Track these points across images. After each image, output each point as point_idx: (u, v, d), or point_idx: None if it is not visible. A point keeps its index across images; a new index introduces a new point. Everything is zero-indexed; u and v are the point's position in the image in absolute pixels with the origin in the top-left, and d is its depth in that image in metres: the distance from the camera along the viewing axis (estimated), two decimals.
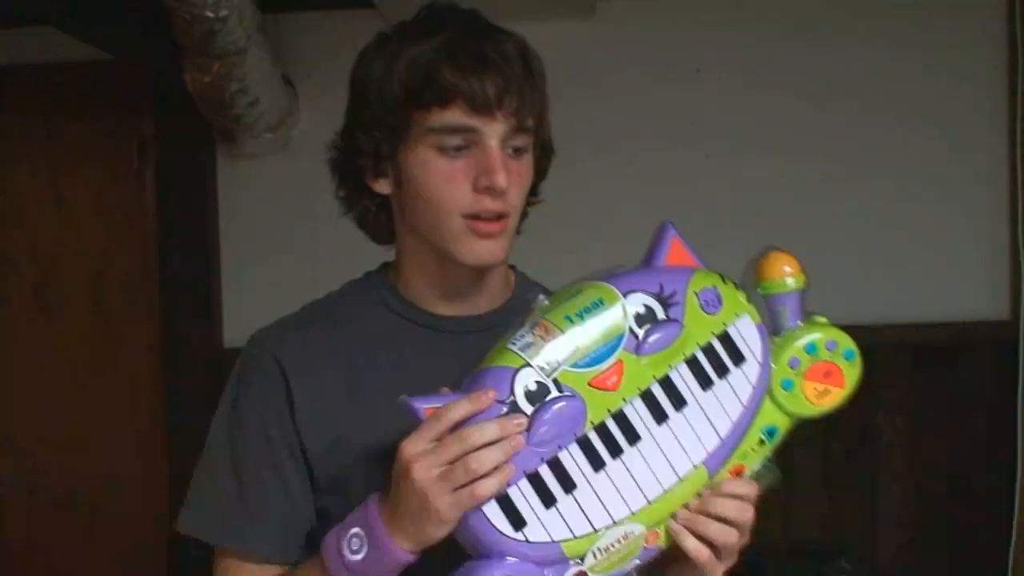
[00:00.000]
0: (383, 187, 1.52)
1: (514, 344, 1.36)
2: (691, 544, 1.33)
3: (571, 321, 1.37)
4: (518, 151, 1.47)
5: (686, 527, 1.33)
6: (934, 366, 3.64)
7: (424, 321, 1.56)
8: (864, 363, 1.46)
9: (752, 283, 1.47)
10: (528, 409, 1.32)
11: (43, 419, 3.94)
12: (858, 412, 3.60)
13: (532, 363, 1.34)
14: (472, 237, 1.46)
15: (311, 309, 1.61)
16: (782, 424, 1.41)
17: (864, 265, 3.66)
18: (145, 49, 3.48)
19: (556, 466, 1.33)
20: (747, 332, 1.41)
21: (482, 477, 1.27)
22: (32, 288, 3.93)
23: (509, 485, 1.31)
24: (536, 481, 1.32)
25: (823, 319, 1.47)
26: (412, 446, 1.29)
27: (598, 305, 1.39)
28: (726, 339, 1.40)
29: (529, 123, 1.47)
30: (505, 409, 1.32)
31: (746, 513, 1.34)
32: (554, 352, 1.35)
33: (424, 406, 1.32)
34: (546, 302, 1.41)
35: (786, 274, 1.46)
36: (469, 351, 1.52)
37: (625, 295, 1.40)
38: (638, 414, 1.35)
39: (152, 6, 3.06)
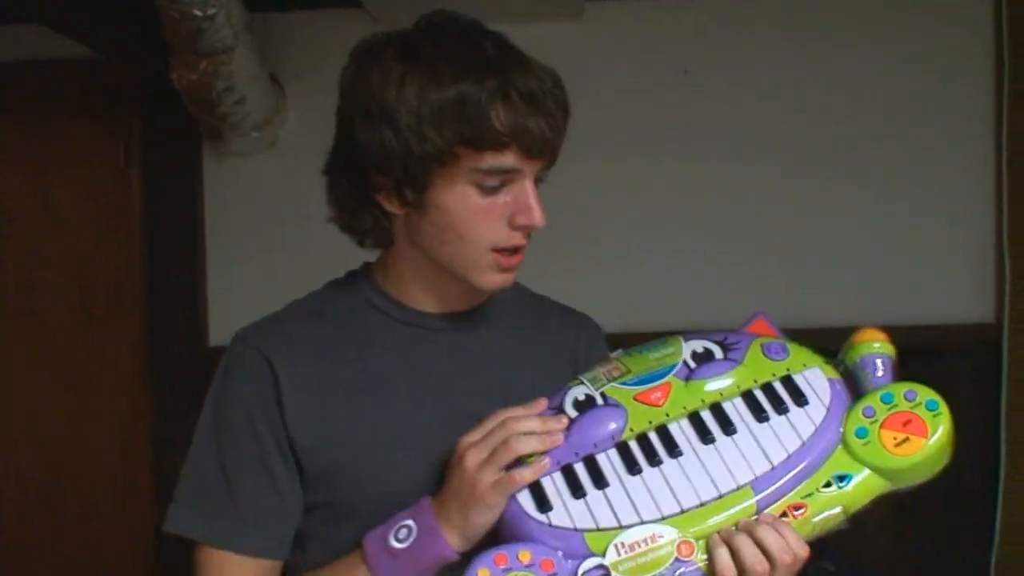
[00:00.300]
0: (394, 206, 1.50)
1: (580, 374, 1.47)
2: (722, 559, 1.28)
3: (630, 355, 1.46)
4: (538, 181, 1.49)
5: (724, 539, 1.29)
6: (917, 368, 3.62)
7: (410, 319, 1.57)
8: (888, 338, 1.47)
9: (843, 357, 1.46)
10: (573, 413, 1.40)
11: (28, 418, 3.93)
12: None
13: (584, 380, 1.44)
14: (497, 269, 1.49)
15: (295, 307, 1.61)
16: (857, 474, 1.35)
17: (848, 267, 3.67)
18: (133, 47, 3.48)
19: (591, 464, 1.37)
20: (815, 380, 1.40)
21: (522, 465, 1.34)
22: (18, 286, 3.92)
23: (544, 475, 1.35)
24: (568, 474, 1.36)
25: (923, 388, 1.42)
26: (468, 437, 1.37)
27: (660, 344, 1.47)
28: (788, 381, 1.40)
29: (556, 157, 1.49)
30: (552, 412, 1.41)
31: (784, 555, 1.28)
32: (606, 373, 1.44)
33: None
34: (622, 353, 1.50)
35: (875, 338, 1.46)
36: (456, 347, 1.57)
37: (687, 339, 1.46)
38: (682, 431, 1.37)
39: (140, 4, 3.06)
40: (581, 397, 1.42)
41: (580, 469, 1.36)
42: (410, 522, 1.37)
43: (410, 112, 1.40)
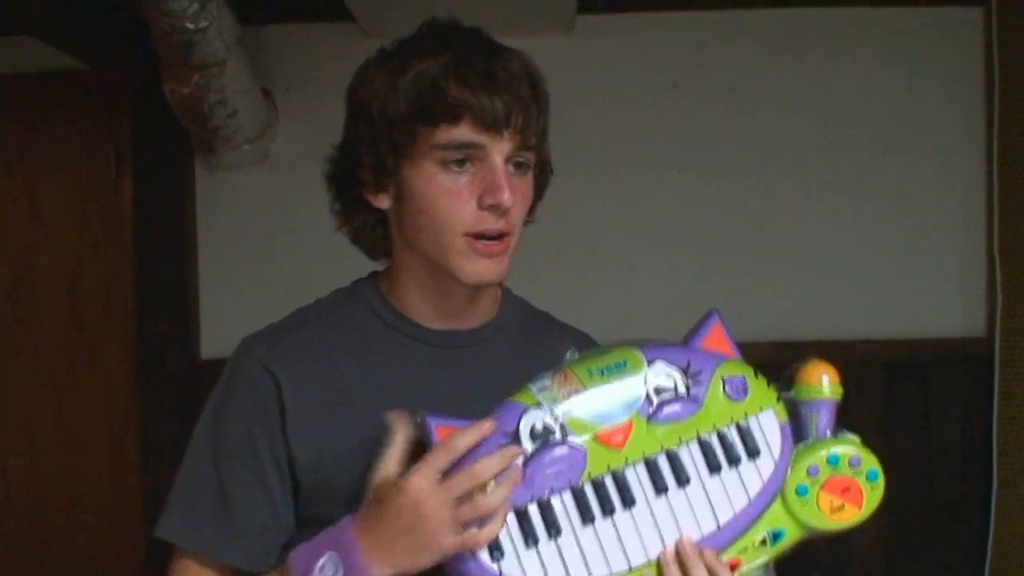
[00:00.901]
0: (382, 202, 1.53)
1: (533, 384, 1.40)
2: None
3: (591, 375, 1.40)
4: (520, 167, 1.48)
5: None
6: (908, 382, 3.66)
7: (415, 334, 1.57)
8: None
9: (787, 385, 1.45)
10: (529, 446, 1.35)
11: (17, 425, 3.91)
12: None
13: (543, 404, 1.37)
14: (474, 256, 1.47)
15: (300, 316, 1.61)
16: (790, 530, 1.39)
17: (838, 281, 3.68)
18: (124, 59, 3.48)
19: (545, 508, 1.35)
20: (768, 428, 1.40)
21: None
22: (6, 296, 3.90)
23: None
24: (522, 518, 1.34)
25: (854, 437, 1.44)
26: (423, 479, 1.30)
27: (621, 366, 1.41)
28: (745, 430, 1.40)
29: (533, 141, 1.48)
30: (506, 441, 1.35)
31: None
32: (566, 399, 1.38)
33: (437, 424, 1.35)
34: (576, 356, 1.45)
35: (823, 382, 1.43)
36: (457, 365, 1.57)
37: (650, 363, 1.42)
38: (638, 479, 1.37)
39: (132, 17, 3.06)
40: (539, 427, 1.36)
41: (534, 513, 1.34)
42: (335, 555, 1.34)
43: (378, 99, 1.46)
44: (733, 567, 1.36)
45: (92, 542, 3.89)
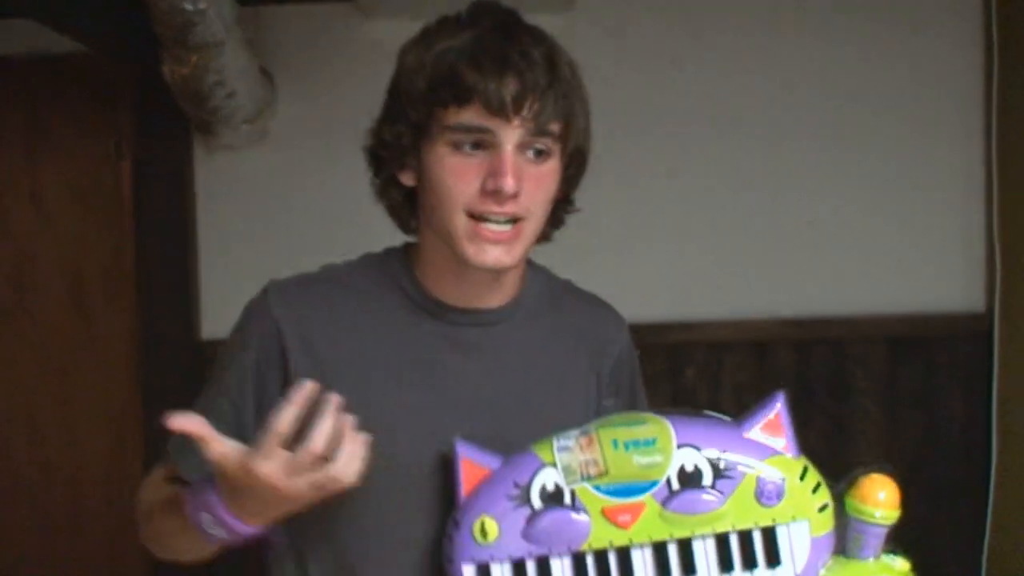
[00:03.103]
0: (408, 179, 1.54)
1: (558, 440, 1.38)
2: None
3: (615, 447, 1.37)
4: (540, 154, 1.47)
5: None
6: (909, 358, 3.66)
7: (436, 312, 1.57)
8: (839, 355, 1.44)
9: (843, 493, 1.38)
10: (538, 504, 1.35)
11: (19, 412, 3.92)
12: (833, 404, 3.64)
13: (559, 465, 1.36)
14: (479, 240, 1.46)
15: (327, 275, 1.62)
16: None
17: (839, 257, 3.68)
18: (123, 41, 3.47)
19: (543, 565, 1.35)
20: (798, 539, 1.35)
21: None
22: (8, 279, 3.91)
23: (495, 562, 1.35)
24: (518, 570, 1.35)
25: (903, 564, 1.39)
26: (271, 463, 1.29)
27: (649, 444, 1.36)
28: (769, 535, 1.35)
29: (551, 128, 1.46)
30: (516, 493, 1.36)
31: None
32: (584, 466, 1.36)
33: (464, 456, 1.40)
34: (614, 411, 1.46)
35: (879, 503, 1.36)
36: (477, 345, 1.57)
37: (680, 447, 1.36)
38: (643, 562, 1.34)
39: None
40: (550, 487, 1.36)
41: (531, 568, 1.34)
42: (209, 517, 1.36)
43: (404, 77, 1.47)
44: None
45: (95, 525, 3.91)
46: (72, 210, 3.88)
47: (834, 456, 3.79)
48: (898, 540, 1.41)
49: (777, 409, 1.41)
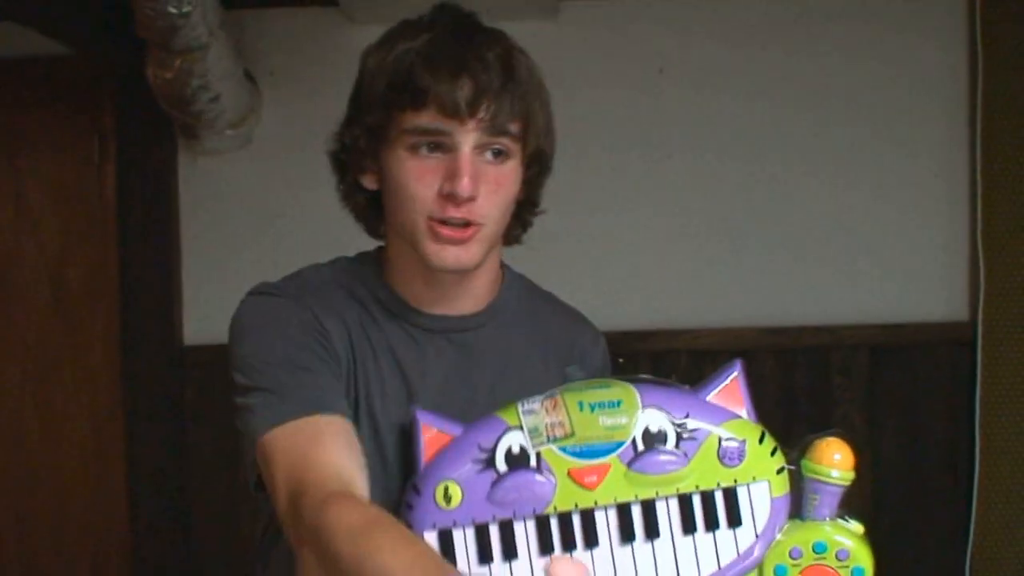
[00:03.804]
0: (370, 183, 1.54)
1: (523, 404, 1.38)
2: None
3: (580, 408, 1.37)
4: (499, 155, 1.46)
5: None
6: (892, 366, 3.67)
7: (407, 316, 1.56)
8: (822, 363, 1.44)
9: (798, 456, 1.39)
10: (503, 467, 1.34)
11: (1, 416, 3.90)
12: (816, 412, 3.64)
13: (525, 428, 1.36)
14: (438, 240, 1.45)
15: (310, 279, 1.59)
16: None
17: (823, 265, 3.68)
18: (107, 45, 3.46)
19: (505, 529, 1.34)
20: (758, 500, 1.36)
21: None
22: None
23: (457, 528, 1.34)
24: (481, 534, 1.34)
25: (857, 526, 1.38)
26: None
27: (614, 405, 1.37)
28: (730, 495, 1.35)
29: (510, 128, 1.45)
30: (482, 455, 1.35)
31: None
32: (550, 428, 1.35)
33: (424, 421, 1.38)
34: (578, 379, 1.46)
35: (834, 463, 1.36)
36: (446, 351, 1.56)
37: (645, 407, 1.37)
38: (607, 523, 1.34)
39: (115, 2, 3.05)
40: (515, 449, 1.35)
41: (494, 533, 1.34)
42: None
43: (364, 80, 1.48)
44: None
45: (76, 531, 3.88)
46: (55, 214, 3.87)
47: None
48: (882, 546, 1.40)
49: (734, 375, 1.43)
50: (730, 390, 1.42)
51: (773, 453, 1.38)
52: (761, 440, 1.38)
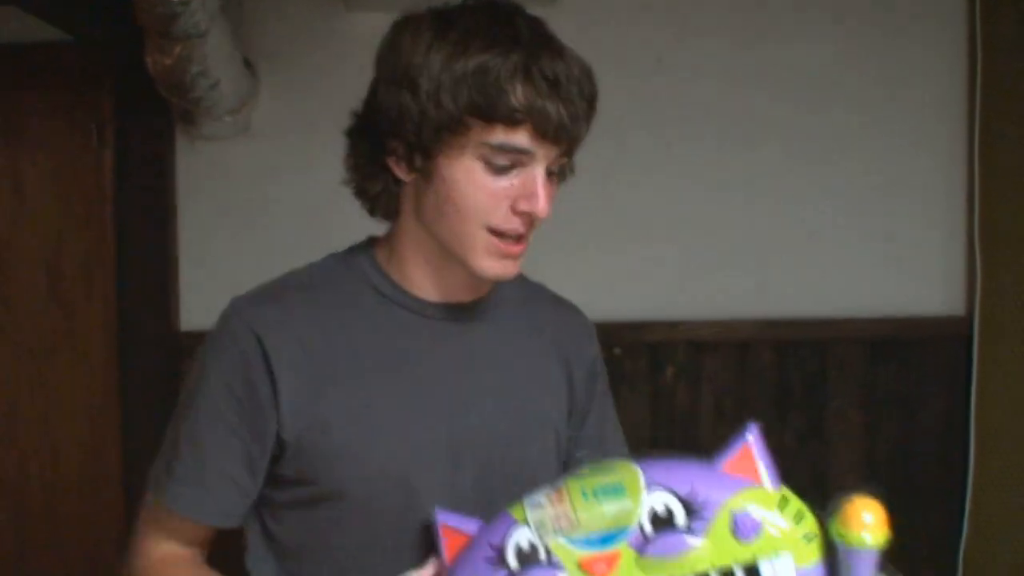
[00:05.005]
0: (403, 172, 1.49)
1: (530, 498, 1.36)
2: None
3: (584, 497, 1.34)
4: (552, 174, 1.47)
5: None
6: (888, 360, 3.67)
7: (411, 306, 1.55)
8: (818, 356, 1.41)
9: (830, 520, 1.31)
10: (514, 565, 1.32)
11: None
12: (811, 405, 3.64)
13: (531, 523, 1.33)
14: (495, 254, 1.46)
15: (292, 279, 1.59)
16: None
17: (820, 258, 3.69)
18: (106, 31, 3.46)
19: None
20: (782, 572, 1.29)
21: None
22: None
23: None
24: None
25: None
26: None
27: (617, 490, 1.33)
28: (752, 574, 1.29)
29: (577, 148, 1.48)
30: (492, 554, 1.33)
31: None
32: (555, 520, 1.33)
33: (444, 522, 1.38)
34: (584, 463, 1.42)
35: (864, 526, 1.29)
36: (455, 338, 1.56)
37: (650, 488, 1.32)
38: None
39: None
40: (525, 546, 1.32)
41: None
42: None
43: (431, 78, 1.40)
44: None
45: (72, 518, 3.89)
46: (52, 199, 3.86)
47: (812, 459, 3.82)
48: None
49: (749, 441, 1.35)
50: (744, 457, 1.34)
51: (798, 521, 1.32)
52: (782, 507, 1.32)
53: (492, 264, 1.47)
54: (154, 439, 1.55)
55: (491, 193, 1.42)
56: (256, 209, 3.70)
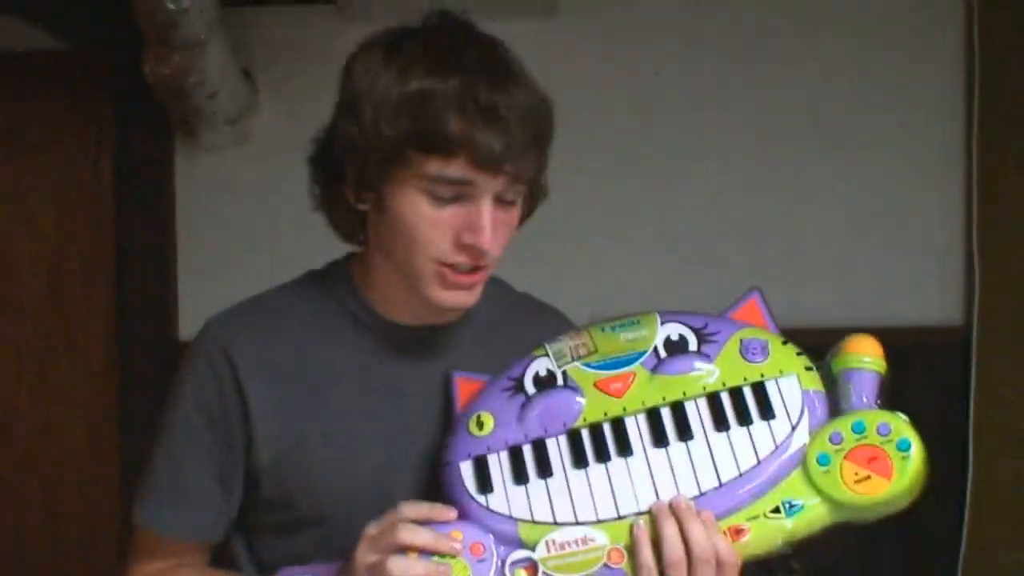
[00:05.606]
0: (358, 202, 1.46)
1: (549, 342, 1.45)
2: (644, 557, 1.26)
3: (601, 330, 1.42)
4: (509, 205, 1.43)
5: (655, 518, 1.28)
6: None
7: (385, 330, 1.53)
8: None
9: (830, 361, 1.36)
10: (532, 390, 1.39)
11: None
12: None
13: (550, 352, 1.42)
14: (446, 284, 1.42)
15: (268, 300, 1.58)
16: (809, 503, 1.28)
17: (817, 267, 3.68)
18: (105, 40, 3.47)
19: (538, 448, 1.36)
20: (788, 392, 1.33)
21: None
22: None
23: (492, 454, 1.36)
24: (515, 455, 1.36)
25: (902, 416, 1.33)
26: (365, 552, 1.33)
27: (633, 324, 1.42)
28: (759, 389, 1.34)
29: (526, 178, 1.41)
30: (511, 385, 1.41)
31: (705, 556, 1.25)
32: (573, 349, 1.41)
33: (460, 377, 1.47)
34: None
35: (864, 352, 1.35)
36: (425, 359, 1.54)
37: (664, 322, 1.40)
38: (638, 429, 1.34)
39: None
40: (542, 372, 1.40)
41: (527, 452, 1.35)
42: None
43: (375, 105, 1.37)
44: (738, 533, 1.28)
45: (70, 523, 3.89)
46: (51, 208, 3.87)
47: None
48: (873, 552, 1.39)
49: (752, 299, 1.45)
50: (749, 310, 1.44)
51: (799, 354, 1.38)
52: (784, 343, 1.39)
53: (444, 295, 1.43)
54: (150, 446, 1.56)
55: (434, 224, 1.38)
56: (254, 218, 3.71)
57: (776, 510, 1.28)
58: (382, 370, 1.52)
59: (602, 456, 1.33)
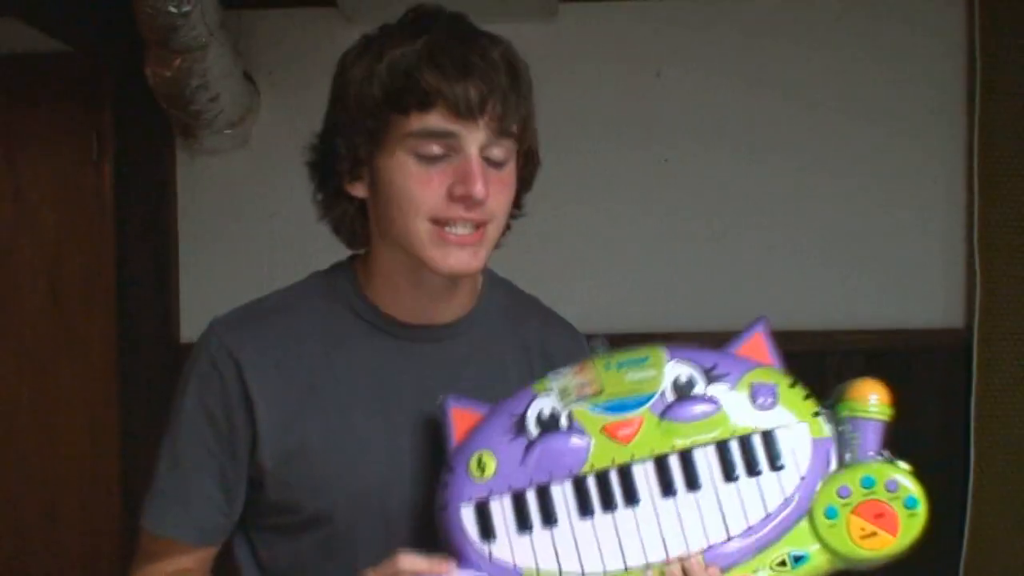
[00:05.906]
0: (359, 190, 1.50)
1: (552, 374, 1.39)
2: None
3: (607, 367, 1.37)
4: (500, 163, 1.44)
5: None
6: (887, 373, 3.64)
7: (387, 328, 1.54)
8: (816, 368, 1.41)
9: (834, 403, 1.37)
10: (535, 432, 1.34)
11: None
12: None
13: (555, 390, 1.36)
14: (445, 245, 1.42)
15: (273, 301, 1.58)
16: (815, 555, 1.29)
17: (819, 270, 3.68)
18: (106, 42, 3.47)
19: (543, 495, 1.32)
20: (798, 442, 1.32)
21: None
22: None
23: (494, 499, 1.33)
24: (518, 501, 1.32)
25: (904, 465, 1.35)
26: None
27: (640, 361, 1.37)
28: (769, 438, 1.32)
29: (512, 129, 1.43)
30: (512, 422, 1.35)
31: None
32: (579, 388, 1.35)
33: (454, 406, 1.39)
34: (603, 350, 1.43)
35: (870, 400, 1.36)
36: (429, 360, 1.53)
37: (672, 360, 1.37)
38: (645, 478, 1.31)
39: (115, 0, 3.05)
40: (546, 413, 1.35)
41: (531, 499, 1.32)
42: None
43: (354, 87, 1.43)
44: None
45: (71, 527, 3.89)
46: (52, 211, 3.87)
47: None
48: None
49: (758, 331, 1.44)
50: (755, 346, 1.42)
51: (806, 398, 1.36)
52: (792, 385, 1.37)
53: (445, 257, 1.43)
54: (153, 451, 1.56)
55: (426, 183, 1.41)
56: (255, 221, 3.71)
57: (782, 563, 1.29)
58: (386, 370, 1.52)
59: (609, 505, 1.31)
